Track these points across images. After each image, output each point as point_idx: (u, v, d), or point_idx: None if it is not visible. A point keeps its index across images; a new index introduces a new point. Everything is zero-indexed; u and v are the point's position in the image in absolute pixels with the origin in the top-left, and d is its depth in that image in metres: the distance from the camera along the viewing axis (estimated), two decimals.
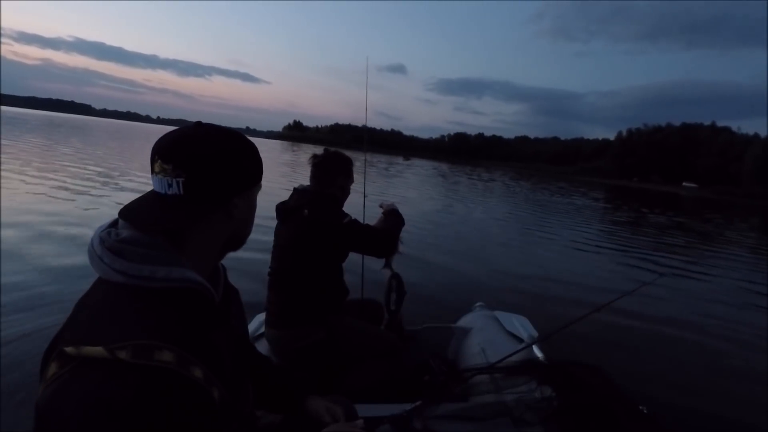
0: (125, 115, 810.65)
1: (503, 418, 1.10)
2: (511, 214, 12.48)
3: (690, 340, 3.83)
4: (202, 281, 0.62)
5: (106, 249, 0.59)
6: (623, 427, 1.05)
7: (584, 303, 4.56)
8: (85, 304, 0.60)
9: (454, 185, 22.83)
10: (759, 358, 3.59)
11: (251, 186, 0.70)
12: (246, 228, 0.74)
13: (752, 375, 3.29)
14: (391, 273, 2.13)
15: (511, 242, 7.97)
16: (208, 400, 0.56)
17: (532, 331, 2.03)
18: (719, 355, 3.59)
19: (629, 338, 3.68)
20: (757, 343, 3.98)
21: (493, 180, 34.82)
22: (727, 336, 4.02)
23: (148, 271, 0.57)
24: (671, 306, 4.79)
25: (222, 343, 0.64)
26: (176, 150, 0.62)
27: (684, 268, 7.22)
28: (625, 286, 5.44)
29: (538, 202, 18.12)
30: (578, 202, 21.12)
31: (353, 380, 1.71)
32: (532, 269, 5.79)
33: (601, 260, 7.17)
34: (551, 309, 4.19)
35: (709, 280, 6.57)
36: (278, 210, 1.77)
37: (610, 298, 1.90)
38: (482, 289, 4.52)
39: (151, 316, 0.56)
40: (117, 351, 0.50)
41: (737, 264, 8.26)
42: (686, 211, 24.65)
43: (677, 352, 3.53)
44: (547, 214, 13.72)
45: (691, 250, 9.65)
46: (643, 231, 12.26)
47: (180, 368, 0.52)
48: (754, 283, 6.65)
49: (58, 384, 0.50)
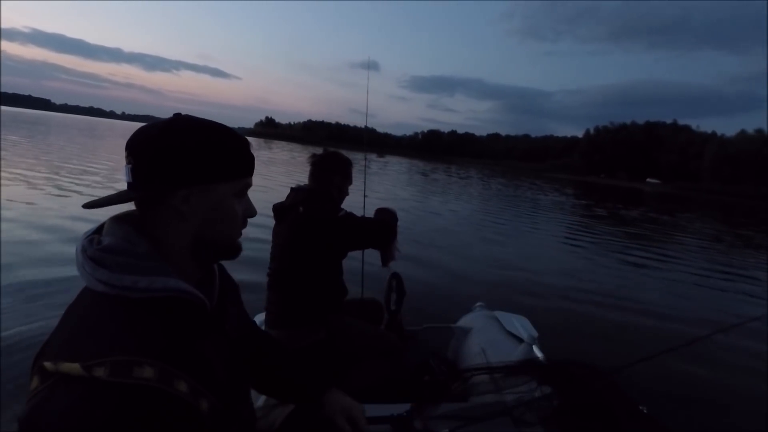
0: (88, 110, 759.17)
1: (503, 418, 1.09)
2: (488, 212, 12.66)
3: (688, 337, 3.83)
4: (187, 288, 0.59)
5: (87, 258, 0.57)
6: (623, 427, 1.04)
7: (584, 301, 4.57)
8: (71, 314, 0.59)
9: (441, 184, 22.97)
10: (759, 356, 3.59)
11: (208, 180, 0.63)
12: (215, 230, 0.65)
13: (752, 373, 3.29)
14: (391, 273, 2.13)
15: (499, 237, 8.02)
16: (194, 414, 0.54)
17: (532, 331, 2.03)
18: (719, 354, 3.60)
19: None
20: (757, 336, 3.99)
21: (469, 176, 35.29)
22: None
23: (129, 281, 0.55)
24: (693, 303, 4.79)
25: (212, 351, 0.62)
26: (134, 138, 0.61)
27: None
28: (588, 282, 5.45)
29: (524, 199, 18.91)
30: (559, 199, 21.80)
31: (353, 380, 1.71)
32: (532, 265, 5.81)
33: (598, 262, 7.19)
34: (554, 306, 4.20)
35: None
36: (275, 209, 1.77)
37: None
38: (482, 289, 4.52)
39: (133, 329, 0.54)
40: (94, 368, 0.48)
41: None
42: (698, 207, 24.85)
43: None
44: (532, 210, 14.14)
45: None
46: (615, 227, 12.37)
47: (161, 384, 0.51)
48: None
49: (36, 400, 0.49)
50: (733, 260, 8.73)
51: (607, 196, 30.42)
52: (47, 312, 2.88)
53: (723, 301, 5.41)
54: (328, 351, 1.72)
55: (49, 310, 2.90)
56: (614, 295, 5.01)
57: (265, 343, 0.99)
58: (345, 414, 0.95)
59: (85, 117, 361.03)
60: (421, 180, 24.32)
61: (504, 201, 16.84)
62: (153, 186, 0.60)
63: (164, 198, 0.61)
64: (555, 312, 4.12)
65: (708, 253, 9.39)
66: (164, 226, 0.63)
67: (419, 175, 28.77)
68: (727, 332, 1.77)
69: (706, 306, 5.07)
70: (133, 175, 0.60)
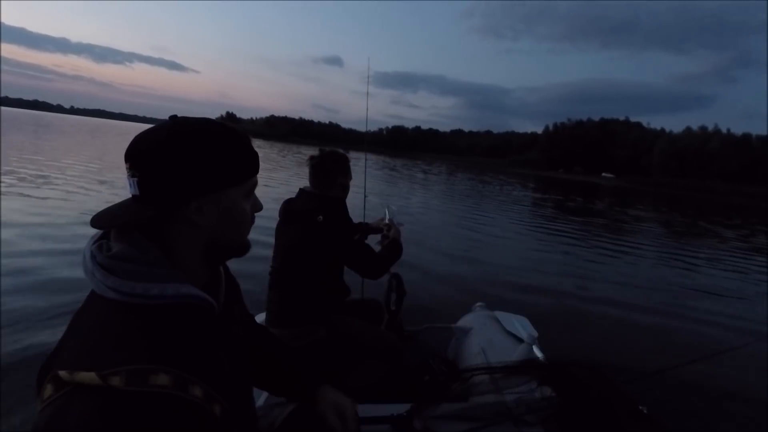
0: (31, 104, 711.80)
1: (503, 419, 1.10)
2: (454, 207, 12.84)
3: (687, 336, 3.84)
4: (198, 294, 0.59)
5: (97, 265, 0.57)
6: (623, 427, 1.04)
7: (583, 301, 4.57)
8: (81, 320, 0.58)
9: (412, 180, 23.15)
10: (760, 352, 3.59)
11: (219, 188, 0.62)
12: (227, 233, 0.66)
13: (753, 372, 3.29)
14: (391, 273, 2.14)
15: (493, 236, 8.02)
16: (208, 419, 0.55)
17: (532, 331, 2.03)
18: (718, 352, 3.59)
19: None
20: (753, 328, 4.01)
21: (440, 173, 35.73)
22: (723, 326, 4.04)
23: (141, 288, 0.55)
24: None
25: (221, 354, 0.62)
26: (135, 148, 0.59)
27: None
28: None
29: (500, 194, 19.86)
30: (517, 193, 22.60)
31: (353, 380, 1.71)
32: (527, 264, 5.81)
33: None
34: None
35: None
36: (284, 210, 1.78)
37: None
38: (482, 289, 4.52)
39: (146, 337, 0.54)
40: (110, 377, 0.48)
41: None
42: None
43: (677, 348, 3.53)
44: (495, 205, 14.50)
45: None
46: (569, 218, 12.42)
47: (177, 390, 0.51)
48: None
49: (53, 409, 0.49)
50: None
51: (570, 191, 31.78)
52: None
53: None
54: (328, 350, 1.72)
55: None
56: (613, 294, 5.02)
57: (263, 338, 0.99)
58: (336, 409, 0.96)
59: (29, 111, 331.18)
60: (394, 176, 24.34)
61: (482, 198, 17.26)
62: (165, 203, 0.59)
63: (177, 211, 0.60)
64: (555, 312, 4.12)
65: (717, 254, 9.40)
66: (176, 234, 0.62)
67: (393, 172, 28.94)
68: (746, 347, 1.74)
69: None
70: (140, 188, 0.59)
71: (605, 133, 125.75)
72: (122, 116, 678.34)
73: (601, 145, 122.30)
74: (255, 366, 0.94)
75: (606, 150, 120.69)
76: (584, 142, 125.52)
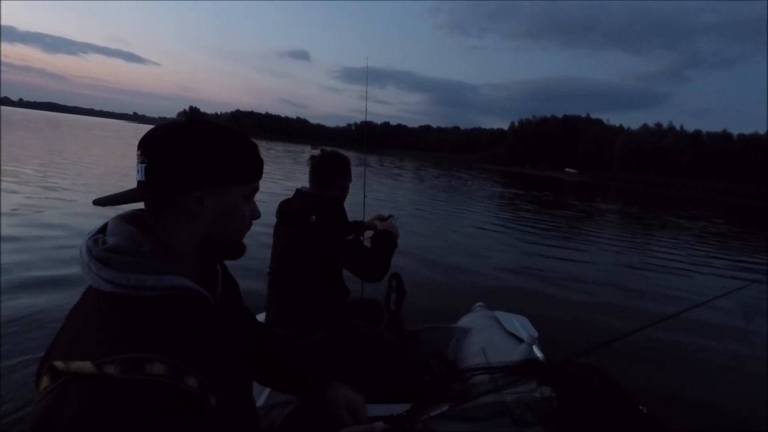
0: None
1: (503, 418, 1.09)
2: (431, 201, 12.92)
3: (687, 337, 3.84)
4: (193, 287, 0.60)
5: (93, 258, 0.58)
6: (623, 427, 1.04)
7: (583, 299, 4.57)
8: (77, 313, 0.59)
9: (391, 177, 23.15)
10: (760, 354, 3.59)
11: (222, 183, 0.64)
12: (224, 232, 0.67)
13: (753, 371, 3.29)
14: (391, 273, 2.14)
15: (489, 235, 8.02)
16: (204, 408, 0.55)
17: (532, 331, 2.03)
18: (718, 351, 3.60)
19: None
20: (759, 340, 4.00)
21: (405, 169, 35.76)
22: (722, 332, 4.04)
23: (136, 280, 0.56)
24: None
25: (218, 348, 0.63)
26: (149, 137, 0.62)
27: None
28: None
29: (475, 190, 20.88)
30: (496, 190, 23.43)
31: (353, 380, 1.70)
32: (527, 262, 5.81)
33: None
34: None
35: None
36: (281, 210, 1.78)
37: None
38: (482, 289, 4.52)
39: (142, 327, 0.55)
40: (105, 366, 0.49)
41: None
42: None
43: (678, 351, 3.53)
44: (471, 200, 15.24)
45: None
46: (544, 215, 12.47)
47: (172, 379, 0.52)
48: None
49: (49, 399, 0.49)
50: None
51: (534, 185, 32.82)
52: None
53: None
54: (328, 351, 1.72)
55: None
56: (613, 292, 5.02)
57: (268, 337, 1.00)
58: (347, 406, 0.97)
59: None
60: (370, 173, 24.25)
61: (460, 193, 17.91)
62: (168, 186, 0.61)
63: (177, 198, 0.62)
64: (555, 312, 4.11)
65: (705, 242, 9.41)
66: (173, 225, 0.63)
67: (369, 168, 28.93)
68: (727, 296, 1.77)
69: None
70: (146, 174, 0.61)
71: (568, 129, 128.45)
72: (77, 110, 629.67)
73: (564, 141, 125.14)
74: (261, 363, 0.94)
75: (569, 146, 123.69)
76: (548, 139, 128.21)
